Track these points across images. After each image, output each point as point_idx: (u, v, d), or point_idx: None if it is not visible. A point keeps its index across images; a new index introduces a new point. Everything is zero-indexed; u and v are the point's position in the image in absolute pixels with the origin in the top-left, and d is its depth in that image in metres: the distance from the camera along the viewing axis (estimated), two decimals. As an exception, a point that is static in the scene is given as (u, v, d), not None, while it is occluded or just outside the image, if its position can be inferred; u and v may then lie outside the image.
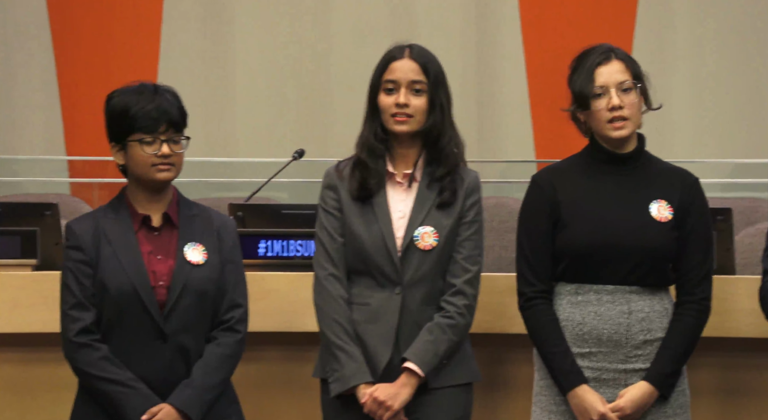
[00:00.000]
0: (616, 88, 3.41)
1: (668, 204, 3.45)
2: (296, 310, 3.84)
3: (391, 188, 3.52)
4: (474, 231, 3.52)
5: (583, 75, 3.42)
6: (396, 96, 3.48)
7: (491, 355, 3.87)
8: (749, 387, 3.85)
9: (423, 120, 3.48)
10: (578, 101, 3.44)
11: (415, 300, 3.47)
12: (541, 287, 3.46)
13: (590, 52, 3.46)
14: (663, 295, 3.46)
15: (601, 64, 3.42)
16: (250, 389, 3.81)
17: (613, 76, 3.42)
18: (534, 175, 3.56)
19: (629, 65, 3.44)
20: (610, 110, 3.41)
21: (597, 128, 3.44)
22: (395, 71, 3.49)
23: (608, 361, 3.42)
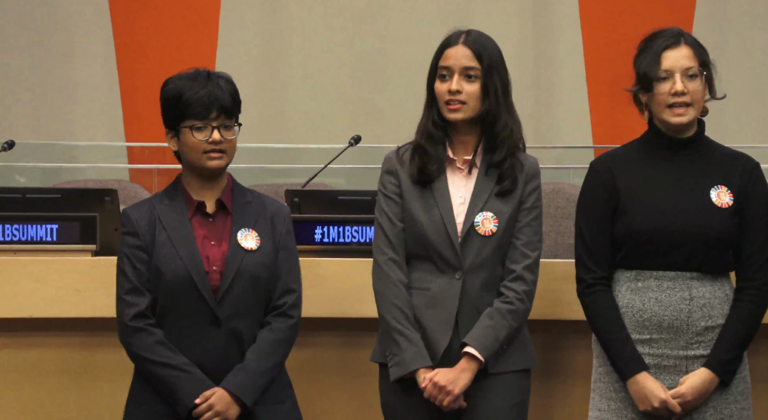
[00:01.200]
0: (681, 74, 3.39)
1: (728, 189, 3.43)
2: (352, 296, 3.85)
3: (451, 174, 3.52)
4: (534, 217, 3.52)
5: (650, 57, 3.40)
6: (449, 83, 3.47)
7: (548, 342, 3.86)
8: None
9: (477, 106, 3.47)
10: (642, 82, 3.42)
11: (474, 285, 3.47)
12: (601, 274, 3.45)
13: (659, 34, 3.44)
14: (724, 281, 3.44)
15: (669, 48, 3.40)
16: (306, 375, 3.83)
17: (680, 61, 3.40)
18: (592, 162, 3.54)
19: (697, 52, 3.42)
20: (673, 95, 3.39)
21: (657, 111, 3.43)
22: (449, 58, 3.49)
23: (669, 347, 3.40)
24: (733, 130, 6.37)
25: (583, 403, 3.55)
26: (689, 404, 3.38)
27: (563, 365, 3.89)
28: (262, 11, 7.35)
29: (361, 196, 4.34)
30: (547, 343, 3.84)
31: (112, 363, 3.80)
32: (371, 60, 7.30)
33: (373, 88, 7.26)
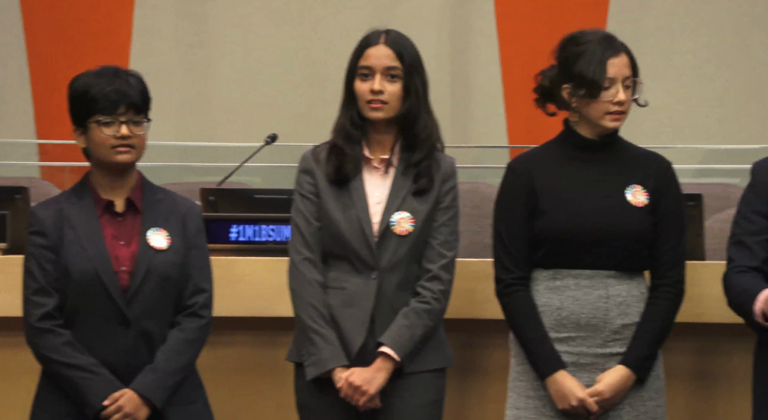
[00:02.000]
0: (622, 83, 3.43)
1: (644, 188, 3.46)
2: (268, 296, 3.83)
3: (368, 173, 3.52)
4: (450, 216, 3.53)
5: (595, 64, 3.41)
6: (371, 82, 3.47)
7: (464, 341, 3.87)
8: (720, 372, 3.86)
9: (398, 106, 3.48)
10: (587, 88, 3.42)
11: (391, 285, 3.47)
12: (519, 274, 3.46)
13: (589, 37, 3.45)
14: (639, 279, 3.47)
15: (612, 57, 3.42)
16: (222, 375, 3.81)
17: (622, 70, 3.44)
18: (510, 162, 3.57)
19: (632, 60, 3.47)
20: (615, 104, 3.42)
21: (594, 116, 3.44)
22: (370, 57, 3.49)
23: (587, 345, 3.43)
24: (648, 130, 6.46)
25: (499, 402, 3.57)
26: (607, 402, 3.41)
27: (479, 364, 3.90)
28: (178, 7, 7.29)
29: (277, 195, 4.31)
30: (462, 342, 3.85)
31: (19, 364, 3.74)
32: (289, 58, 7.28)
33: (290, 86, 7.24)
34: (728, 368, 3.85)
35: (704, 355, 3.89)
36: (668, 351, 3.61)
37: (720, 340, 3.83)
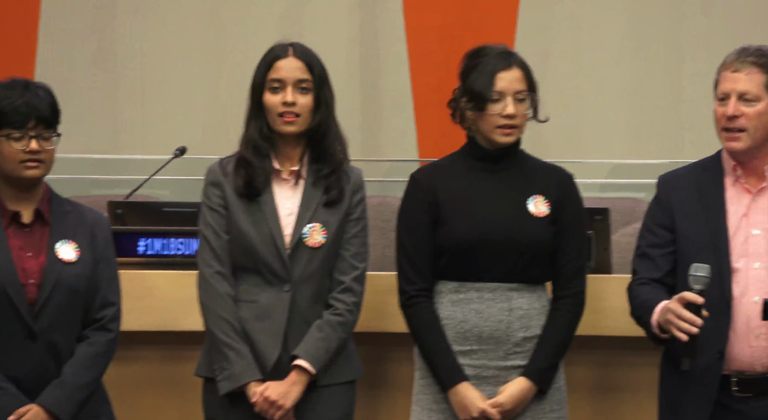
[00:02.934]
0: (512, 97, 3.45)
1: (545, 199, 3.50)
2: (177, 309, 3.81)
3: (278, 186, 3.52)
4: (361, 228, 3.54)
5: (484, 77, 3.45)
6: (282, 95, 3.47)
7: (373, 354, 3.88)
8: (622, 384, 3.90)
9: (309, 119, 3.49)
10: (475, 101, 3.46)
11: (303, 297, 3.47)
12: (422, 285, 3.48)
13: (488, 51, 3.49)
14: (541, 291, 3.51)
15: (502, 70, 3.46)
16: (129, 389, 3.78)
17: (512, 84, 3.46)
18: (413, 173, 3.59)
19: (526, 74, 3.49)
20: (504, 117, 3.45)
21: (486, 130, 3.48)
22: (281, 70, 3.49)
23: (489, 358, 3.45)
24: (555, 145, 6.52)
25: (406, 414, 3.58)
26: (508, 413, 3.44)
27: (387, 377, 3.91)
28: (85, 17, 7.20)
29: (186, 208, 4.29)
30: (371, 354, 3.85)
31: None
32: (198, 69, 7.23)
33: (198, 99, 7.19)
34: (634, 381, 3.89)
35: (610, 368, 3.92)
36: (574, 364, 3.65)
37: (626, 352, 3.86)
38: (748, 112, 3.38)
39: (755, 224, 3.40)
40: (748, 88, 3.37)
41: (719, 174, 3.45)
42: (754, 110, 3.38)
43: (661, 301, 3.33)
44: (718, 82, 3.43)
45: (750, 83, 3.37)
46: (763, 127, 3.38)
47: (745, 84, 3.37)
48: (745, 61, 3.38)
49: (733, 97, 3.38)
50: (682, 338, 3.22)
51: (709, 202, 3.43)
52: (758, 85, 3.37)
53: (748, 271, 3.37)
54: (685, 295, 3.23)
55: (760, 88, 3.37)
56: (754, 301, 3.34)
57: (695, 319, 3.21)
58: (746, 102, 3.38)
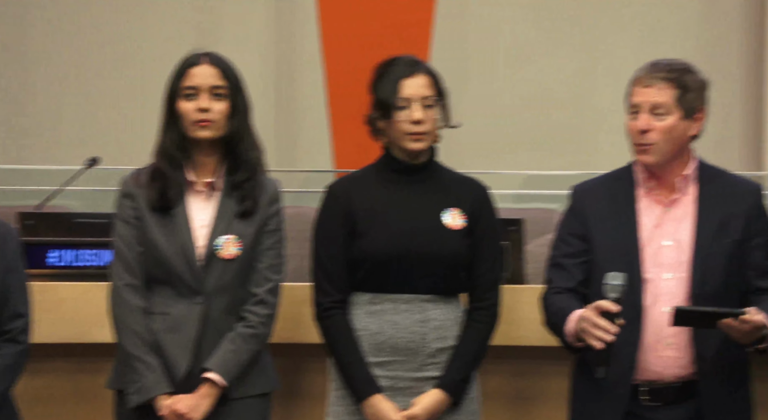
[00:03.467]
0: (419, 103, 3.46)
1: (461, 212, 3.51)
2: (88, 321, 3.78)
3: (192, 196, 3.49)
4: (276, 240, 3.53)
5: (389, 85, 3.46)
6: (197, 101, 3.45)
7: (289, 365, 3.87)
8: (536, 393, 3.93)
9: (224, 125, 3.47)
10: (381, 109, 3.47)
11: (216, 309, 3.45)
12: (338, 297, 3.48)
13: (396, 61, 3.50)
14: (456, 303, 3.52)
15: (407, 77, 3.46)
16: (39, 402, 3.74)
17: (419, 90, 3.46)
18: (329, 185, 3.59)
19: (434, 80, 3.50)
20: (412, 123, 3.45)
21: (395, 138, 3.49)
22: (195, 77, 3.47)
23: (403, 369, 3.45)
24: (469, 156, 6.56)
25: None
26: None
27: (303, 388, 3.91)
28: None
29: (98, 219, 4.24)
30: (288, 366, 3.85)
31: None
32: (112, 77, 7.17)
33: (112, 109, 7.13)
34: (546, 390, 3.91)
35: (524, 378, 3.94)
36: (489, 373, 3.67)
37: (540, 362, 3.89)
38: (659, 126, 3.41)
39: (666, 235, 3.44)
40: (658, 103, 3.41)
41: (631, 185, 3.49)
42: (664, 124, 3.41)
43: (575, 310, 3.35)
44: (630, 95, 3.46)
45: (661, 98, 3.41)
46: (673, 141, 3.42)
47: (656, 98, 3.41)
48: (656, 76, 3.41)
49: (644, 111, 3.42)
50: (597, 347, 3.24)
51: (622, 213, 3.46)
52: (669, 99, 3.41)
53: (658, 282, 3.41)
54: (601, 303, 3.26)
55: (671, 102, 3.41)
56: (664, 311, 3.37)
57: (610, 328, 3.23)
58: (657, 116, 3.41)
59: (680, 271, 3.41)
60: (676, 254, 3.42)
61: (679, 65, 3.44)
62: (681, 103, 3.41)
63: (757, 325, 3.25)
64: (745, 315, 3.23)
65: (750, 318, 3.24)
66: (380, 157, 3.56)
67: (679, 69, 3.43)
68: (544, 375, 3.91)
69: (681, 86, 3.41)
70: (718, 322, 3.25)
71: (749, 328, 3.25)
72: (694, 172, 3.48)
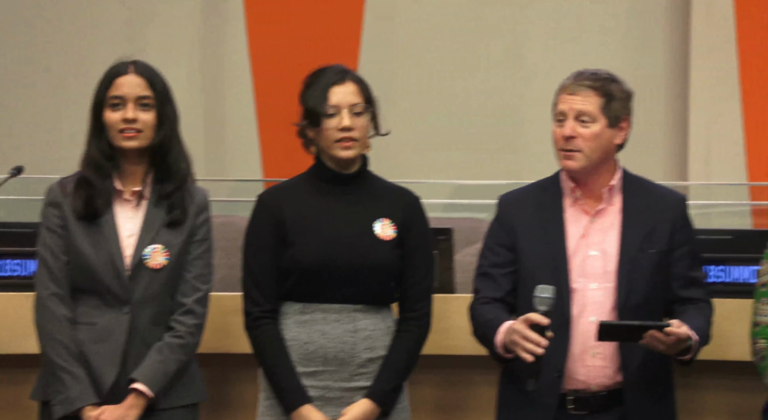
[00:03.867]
0: (348, 110, 3.46)
1: (392, 222, 3.51)
2: (13, 332, 3.74)
3: (119, 206, 3.47)
4: (204, 249, 3.52)
5: (317, 93, 3.46)
6: (123, 111, 3.43)
7: (217, 375, 3.86)
8: (465, 403, 3.95)
9: (151, 135, 3.45)
10: (310, 118, 3.48)
11: (144, 319, 3.43)
12: (268, 307, 3.47)
13: (325, 70, 3.51)
14: (386, 312, 3.52)
15: (335, 84, 3.47)
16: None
17: (347, 97, 3.47)
18: (260, 194, 3.58)
19: (362, 89, 3.50)
20: (341, 130, 3.45)
21: (325, 146, 3.49)
22: (121, 86, 3.45)
23: (333, 379, 3.45)
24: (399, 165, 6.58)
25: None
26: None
27: (232, 398, 3.90)
28: None
29: (22, 229, 4.20)
30: (216, 376, 3.84)
31: None
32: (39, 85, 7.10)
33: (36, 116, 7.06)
34: (476, 399, 3.93)
35: (452, 387, 3.96)
36: (418, 383, 3.68)
37: (469, 371, 3.91)
38: (584, 133, 3.45)
39: (593, 245, 3.47)
40: (584, 110, 3.44)
41: (558, 195, 3.52)
42: (589, 131, 3.45)
43: (504, 321, 3.37)
44: (556, 103, 3.50)
45: (586, 105, 3.44)
46: (598, 149, 3.45)
47: (582, 106, 3.44)
48: (581, 84, 3.45)
49: (570, 118, 3.45)
50: (527, 359, 3.26)
51: (549, 223, 3.49)
52: (594, 107, 3.44)
53: (585, 292, 3.44)
54: (531, 316, 3.27)
55: (596, 110, 3.44)
56: (591, 321, 3.40)
57: (540, 340, 3.25)
58: (582, 123, 3.45)
59: (606, 281, 3.44)
60: (602, 264, 3.45)
61: (604, 74, 3.48)
62: (606, 112, 3.45)
63: (681, 338, 3.29)
64: (670, 327, 3.27)
65: (674, 330, 3.27)
66: (311, 167, 3.56)
67: (604, 78, 3.47)
68: (473, 384, 3.93)
69: (606, 94, 3.45)
70: (643, 335, 3.28)
71: (673, 341, 3.29)
72: (619, 182, 3.51)
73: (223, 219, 5.63)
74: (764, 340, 3.43)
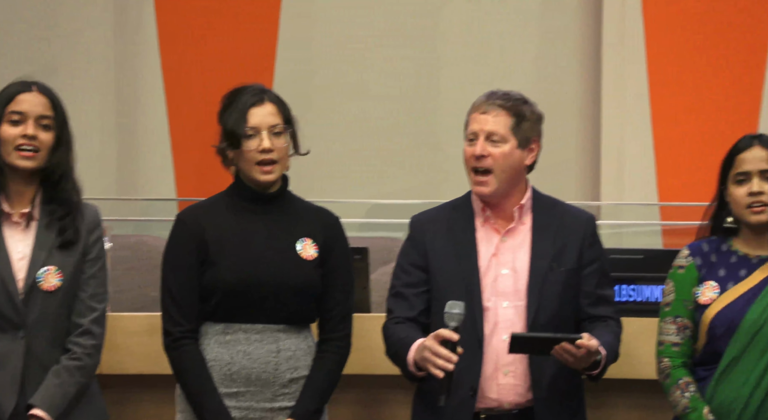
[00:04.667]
0: (267, 131, 3.45)
1: (313, 242, 3.51)
2: None
3: (8, 228, 3.42)
4: (99, 268, 3.49)
5: (236, 114, 3.45)
6: (23, 127, 3.40)
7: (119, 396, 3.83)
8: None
9: (46, 157, 3.42)
10: (229, 139, 3.46)
11: (40, 343, 3.38)
12: (188, 326, 3.45)
13: (243, 90, 3.50)
14: (307, 332, 3.53)
15: (254, 106, 3.46)
16: None
17: (266, 118, 3.46)
18: (179, 213, 3.56)
19: (281, 109, 3.50)
20: (261, 152, 3.44)
21: (246, 168, 3.48)
22: (23, 103, 3.42)
23: (256, 400, 3.44)
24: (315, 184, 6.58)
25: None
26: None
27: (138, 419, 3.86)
28: None
29: None
30: (117, 397, 3.80)
31: None
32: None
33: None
34: (392, 417, 3.94)
35: (369, 406, 3.98)
36: (337, 403, 3.68)
37: (386, 390, 3.93)
38: (495, 153, 3.48)
39: (504, 264, 3.50)
40: (495, 130, 3.48)
41: (470, 214, 3.55)
42: (500, 151, 3.48)
43: (416, 340, 3.38)
44: (468, 123, 3.53)
45: (497, 125, 3.48)
46: (509, 169, 3.49)
47: (493, 125, 3.47)
48: (492, 104, 3.48)
49: (480, 137, 3.48)
50: (438, 375, 3.28)
51: (461, 243, 3.51)
52: (505, 127, 3.48)
53: (497, 310, 3.47)
54: (441, 332, 3.30)
55: (507, 130, 3.48)
56: (503, 340, 3.43)
57: (451, 356, 3.27)
58: (493, 143, 3.48)
59: (518, 299, 3.47)
60: (513, 283, 3.48)
61: (516, 95, 3.52)
62: (516, 132, 3.48)
63: (591, 350, 3.33)
64: (581, 340, 3.31)
65: (584, 343, 3.31)
66: (231, 186, 3.54)
67: (515, 99, 3.51)
68: (390, 403, 3.94)
69: (516, 115, 3.49)
70: (554, 348, 3.31)
71: (583, 353, 3.32)
72: (529, 201, 3.55)
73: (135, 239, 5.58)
74: (668, 359, 3.47)
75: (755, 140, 3.47)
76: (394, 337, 3.48)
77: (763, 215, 3.42)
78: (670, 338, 3.48)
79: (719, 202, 3.52)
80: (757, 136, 3.50)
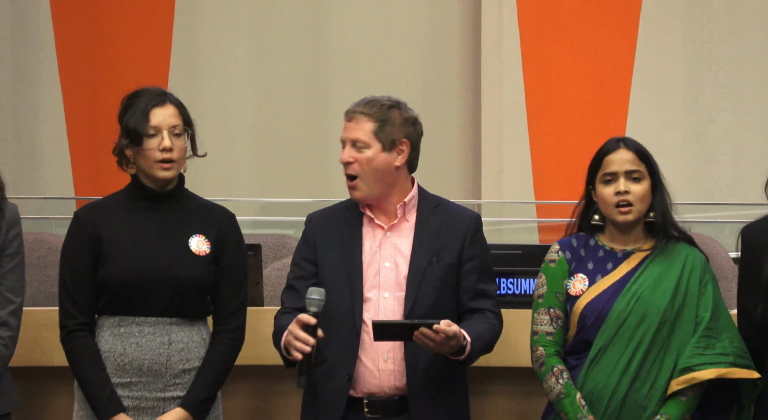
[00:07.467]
0: (168, 131, 3.52)
1: (206, 238, 3.58)
2: None
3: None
4: (17, 263, 3.56)
5: (138, 113, 3.50)
6: None
7: (30, 387, 3.87)
8: (275, 411, 4.05)
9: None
10: (130, 137, 3.51)
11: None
12: (83, 320, 3.50)
13: (144, 92, 3.55)
14: (201, 325, 3.59)
15: (156, 106, 3.51)
16: None
17: (167, 119, 3.52)
18: (77, 211, 3.61)
19: (181, 111, 3.56)
20: (161, 151, 3.51)
21: (145, 166, 3.53)
22: None
23: (148, 390, 3.50)
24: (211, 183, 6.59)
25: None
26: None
27: (46, 410, 3.92)
28: None
29: None
30: (28, 388, 3.85)
31: None
32: None
33: None
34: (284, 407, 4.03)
35: (262, 395, 4.06)
36: (231, 393, 3.76)
37: (278, 381, 4.00)
38: (360, 158, 3.56)
39: (387, 258, 3.59)
40: (357, 137, 3.56)
41: (358, 213, 3.64)
42: (364, 156, 3.56)
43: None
44: None
45: (359, 132, 3.56)
46: (377, 172, 3.56)
47: (355, 133, 3.56)
48: (356, 112, 3.57)
49: (347, 145, 3.58)
50: (297, 357, 3.38)
51: (348, 238, 3.61)
52: (367, 133, 3.56)
53: (378, 301, 3.57)
54: (301, 317, 3.40)
55: (369, 136, 3.56)
56: (379, 327, 3.49)
57: (308, 339, 3.37)
58: (358, 149, 3.56)
59: (398, 290, 3.57)
60: (395, 275, 3.58)
61: (384, 101, 3.59)
62: (380, 137, 3.56)
63: (449, 335, 3.39)
64: (438, 326, 3.38)
65: (442, 328, 3.38)
66: (128, 185, 3.59)
67: (381, 104, 3.58)
68: (282, 393, 4.02)
69: (379, 120, 3.55)
70: (414, 333, 3.39)
71: (442, 338, 3.39)
72: (414, 199, 3.63)
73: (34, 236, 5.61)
74: (543, 348, 3.56)
75: (621, 143, 3.57)
76: (277, 326, 3.56)
77: (629, 215, 3.54)
78: (544, 328, 3.57)
79: (587, 200, 3.62)
80: (623, 139, 3.60)
